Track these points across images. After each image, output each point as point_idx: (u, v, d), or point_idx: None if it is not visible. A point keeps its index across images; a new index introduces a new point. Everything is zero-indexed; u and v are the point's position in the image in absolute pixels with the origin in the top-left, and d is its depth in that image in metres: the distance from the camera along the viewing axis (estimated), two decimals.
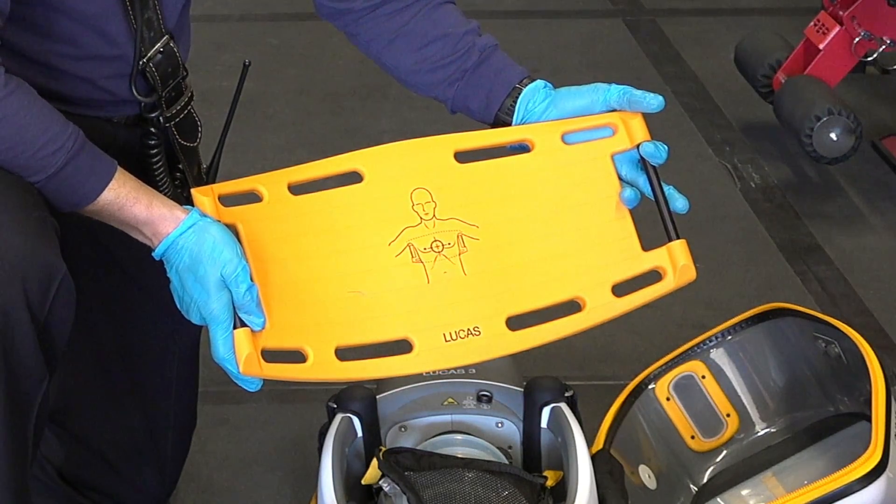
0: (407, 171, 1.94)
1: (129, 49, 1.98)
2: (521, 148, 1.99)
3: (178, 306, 1.83)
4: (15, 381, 1.74)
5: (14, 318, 1.71)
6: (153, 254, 1.83)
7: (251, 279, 1.79)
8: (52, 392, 1.91)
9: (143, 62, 2.00)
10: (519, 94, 2.02)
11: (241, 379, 1.79)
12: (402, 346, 1.88)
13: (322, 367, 1.83)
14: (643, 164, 1.96)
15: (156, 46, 2.01)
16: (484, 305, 1.90)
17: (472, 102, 2.05)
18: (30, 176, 1.77)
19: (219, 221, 1.82)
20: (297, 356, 1.84)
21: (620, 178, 1.97)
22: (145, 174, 2.05)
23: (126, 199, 1.81)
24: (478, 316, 1.89)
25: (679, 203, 1.95)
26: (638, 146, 1.97)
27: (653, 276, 1.93)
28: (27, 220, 1.74)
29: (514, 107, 2.01)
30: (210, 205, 1.86)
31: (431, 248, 1.91)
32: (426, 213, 1.93)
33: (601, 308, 1.91)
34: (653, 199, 1.94)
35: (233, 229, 1.85)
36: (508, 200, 1.95)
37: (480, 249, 1.92)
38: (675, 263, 1.91)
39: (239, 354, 1.79)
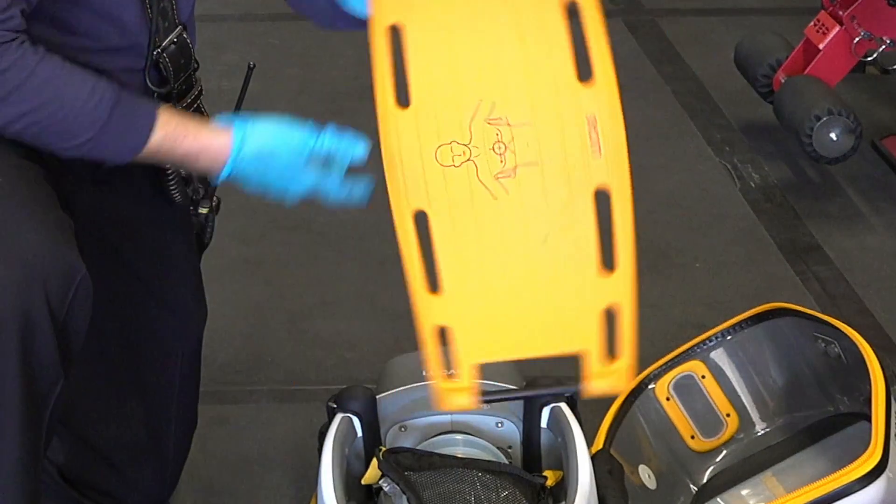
0: None
1: (144, 39, 2.00)
2: None
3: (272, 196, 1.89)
4: (33, 381, 1.75)
5: (35, 319, 1.72)
6: (218, 179, 1.89)
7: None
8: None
9: (158, 52, 2.01)
10: None
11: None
12: None
13: None
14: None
15: (170, 37, 2.02)
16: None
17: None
18: (81, 134, 1.81)
19: (264, 117, 1.86)
20: None
21: None
22: (155, 167, 2.05)
23: (174, 135, 1.86)
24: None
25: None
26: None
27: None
28: (47, 220, 1.75)
29: None
30: None
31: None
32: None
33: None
34: None
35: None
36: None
37: None
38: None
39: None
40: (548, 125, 1.77)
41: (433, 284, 1.72)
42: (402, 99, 1.73)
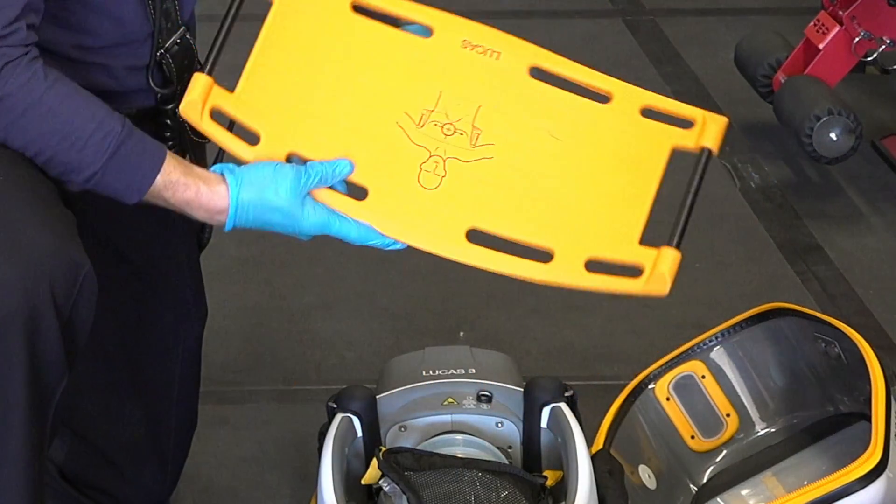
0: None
1: (144, 37, 1.99)
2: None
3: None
4: (38, 377, 1.76)
5: (41, 314, 1.73)
6: (225, 230, 1.88)
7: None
8: None
9: (161, 53, 2.01)
10: None
11: (384, 245, 1.88)
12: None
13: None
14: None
15: (173, 37, 2.02)
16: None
17: None
18: (85, 168, 1.80)
19: (255, 164, 1.85)
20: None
21: None
22: None
23: (177, 183, 1.84)
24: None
25: None
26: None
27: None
28: (50, 217, 1.75)
29: None
30: None
31: (443, 128, 1.90)
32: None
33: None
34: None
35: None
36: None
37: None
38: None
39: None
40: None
41: None
42: None
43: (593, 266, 1.86)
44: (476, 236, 1.86)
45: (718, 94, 4.10)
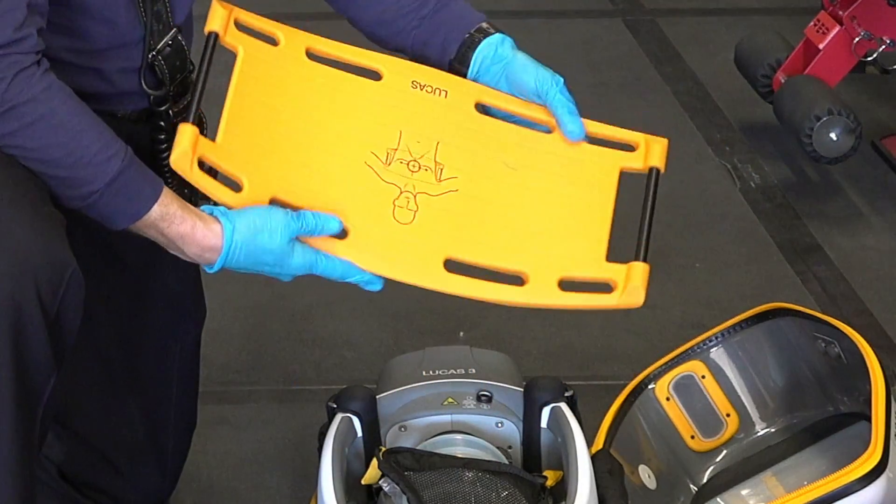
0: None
1: (137, 40, 1.99)
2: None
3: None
4: (25, 376, 1.75)
5: (26, 312, 1.72)
6: (208, 269, 1.90)
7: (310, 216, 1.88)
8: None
9: (153, 55, 2.01)
10: (475, 44, 2.05)
11: (364, 282, 1.95)
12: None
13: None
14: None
15: (164, 39, 2.02)
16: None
17: (429, 50, 2.09)
18: (86, 184, 1.80)
19: (247, 208, 1.87)
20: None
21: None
22: (150, 160, 2.05)
23: (174, 216, 1.85)
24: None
25: (572, 126, 2.00)
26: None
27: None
28: (38, 215, 1.75)
29: (469, 57, 2.05)
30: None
31: (408, 165, 1.96)
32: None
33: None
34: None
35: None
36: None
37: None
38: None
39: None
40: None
41: None
42: None
43: (566, 286, 1.94)
44: (453, 265, 1.93)
45: (718, 94, 4.10)
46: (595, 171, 2.00)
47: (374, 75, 2.01)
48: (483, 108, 2.04)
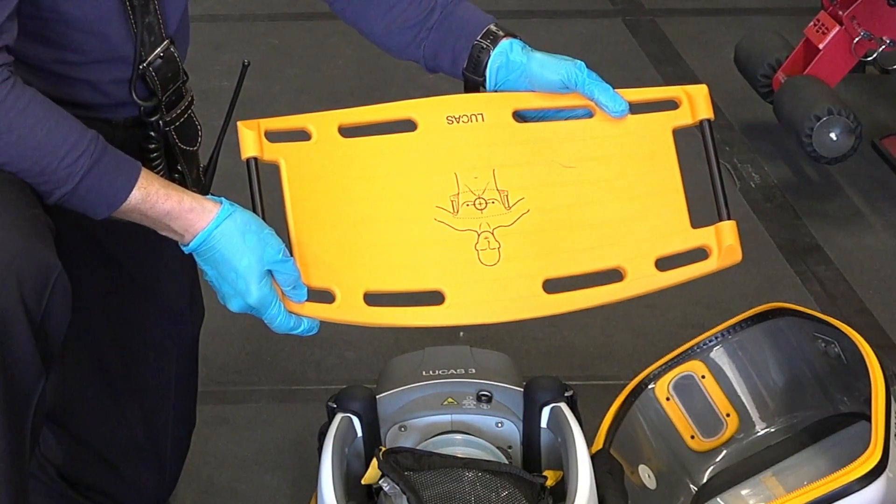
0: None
1: (129, 52, 1.98)
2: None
3: (219, 297, 1.86)
4: (12, 380, 1.74)
5: (10, 316, 1.71)
6: (184, 248, 1.85)
7: (291, 254, 1.84)
8: (51, 391, 1.91)
9: (143, 66, 2.00)
10: (485, 53, 2.03)
11: (304, 331, 1.89)
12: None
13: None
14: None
15: (156, 51, 2.01)
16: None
17: (440, 62, 2.08)
18: (59, 187, 1.79)
19: (248, 211, 1.85)
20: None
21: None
22: (148, 164, 2.05)
23: (156, 196, 1.83)
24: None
25: (614, 104, 1.97)
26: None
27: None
28: (21, 219, 1.74)
29: (482, 68, 2.03)
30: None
31: (475, 205, 1.92)
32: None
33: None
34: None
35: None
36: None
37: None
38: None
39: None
40: None
41: None
42: None
43: (663, 265, 1.94)
44: (551, 285, 1.91)
45: (718, 94, 4.09)
46: (649, 141, 1.98)
47: (409, 125, 1.97)
48: (521, 117, 2.00)
